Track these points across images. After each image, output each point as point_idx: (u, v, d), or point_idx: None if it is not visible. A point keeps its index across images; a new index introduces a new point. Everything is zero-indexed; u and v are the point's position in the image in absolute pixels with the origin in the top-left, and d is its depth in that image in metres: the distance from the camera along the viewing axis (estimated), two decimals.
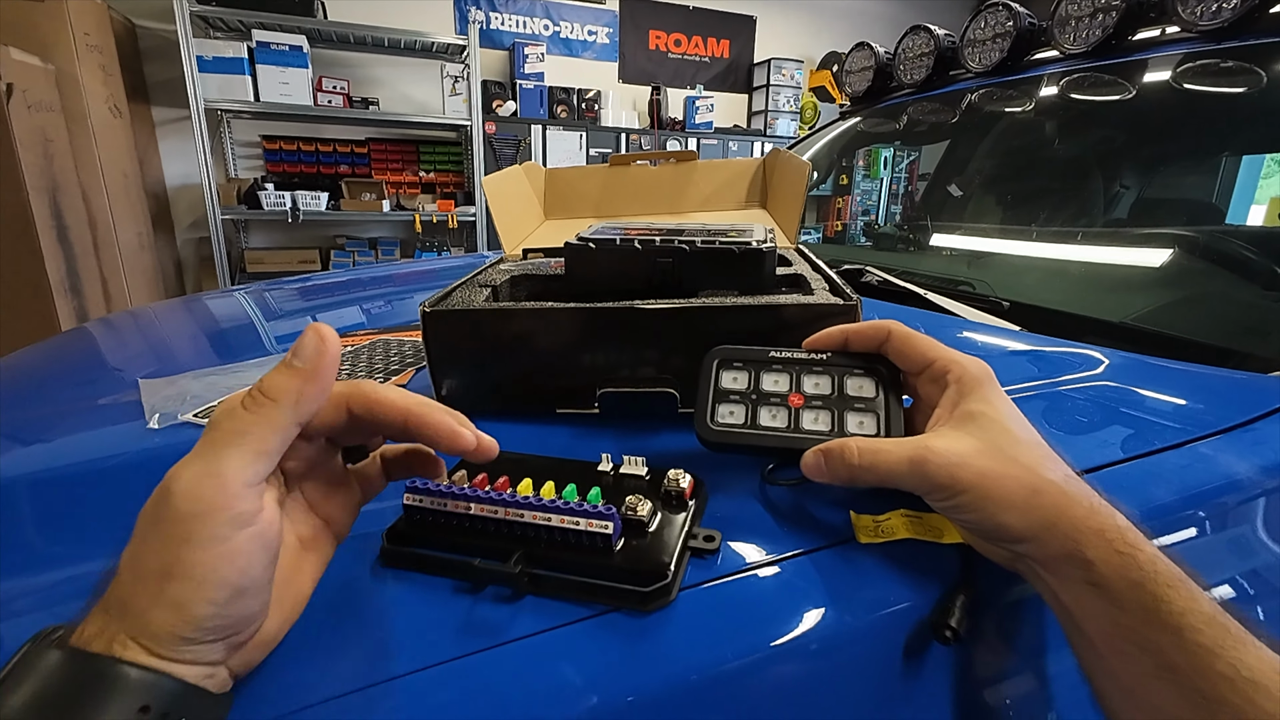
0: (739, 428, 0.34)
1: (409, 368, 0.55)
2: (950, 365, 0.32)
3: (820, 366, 0.36)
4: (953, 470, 0.28)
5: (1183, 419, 0.46)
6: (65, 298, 1.99)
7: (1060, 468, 0.28)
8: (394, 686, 0.23)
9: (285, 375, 0.22)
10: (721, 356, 0.37)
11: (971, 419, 0.30)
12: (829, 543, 0.31)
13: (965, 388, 0.31)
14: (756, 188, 0.77)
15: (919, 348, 0.33)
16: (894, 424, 0.33)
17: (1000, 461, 0.28)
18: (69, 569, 0.31)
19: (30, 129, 1.89)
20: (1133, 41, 0.90)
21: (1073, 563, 0.25)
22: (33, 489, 0.39)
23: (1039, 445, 0.29)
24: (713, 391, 0.36)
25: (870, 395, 0.34)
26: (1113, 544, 0.25)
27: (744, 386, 0.35)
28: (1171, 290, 0.73)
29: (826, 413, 0.34)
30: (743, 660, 0.26)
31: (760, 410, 0.34)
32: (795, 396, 0.35)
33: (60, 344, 0.81)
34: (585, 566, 0.27)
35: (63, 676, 0.19)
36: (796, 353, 0.36)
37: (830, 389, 0.35)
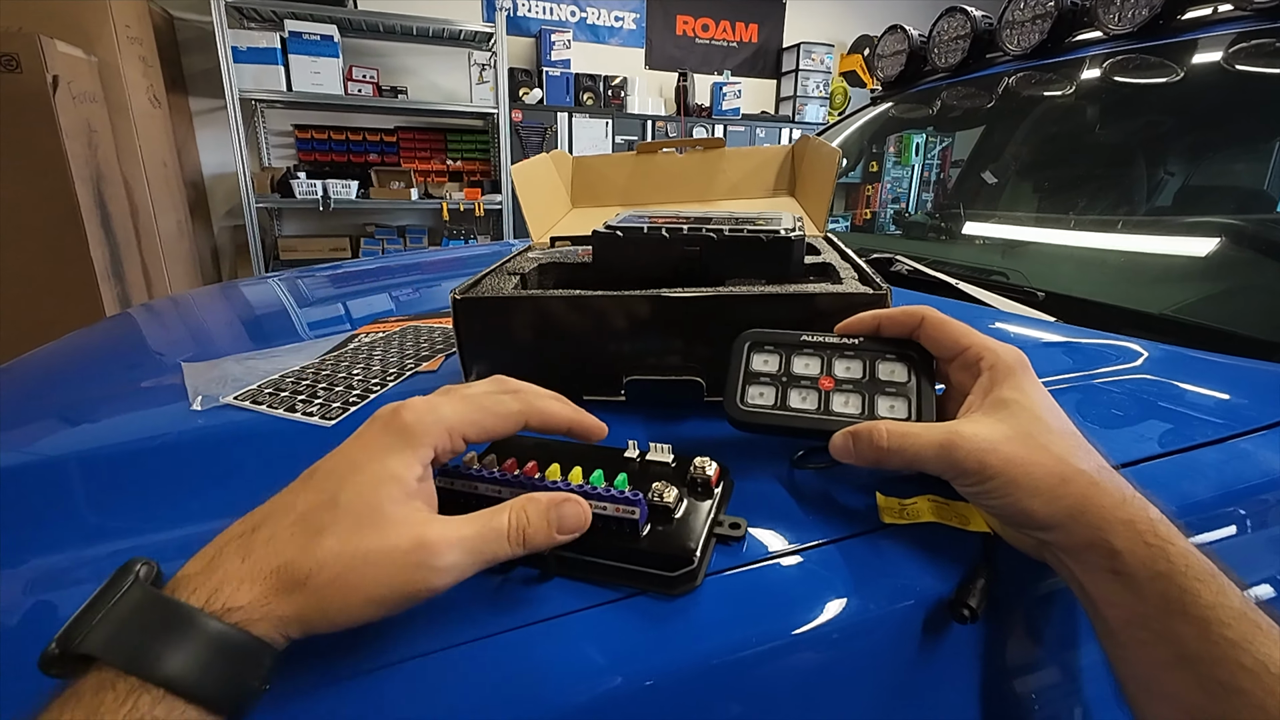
0: (769, 409, 0.34)
1: (439, 353, 0.56)
2: (984, 352, 0.32)
3: (851, 351, 0.36)
4: (981, 455, 0.27)
5: (1224, 414, 0.45)
6: (109, 283, 2.06)
7: (1093, 458, 0.28)
8: (424, 663, 0.24)
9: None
10: (753, 339, 0.37)
11: (1003, 406, 0.29)
12: (854, 531, 0.31)
13: (998, 375, 0.31)
14: (785, 175, 0.76)
15: (952, 334, 0.33)
16: (925, 408, 0.33)
17: (1030, 449, 0.27)
18: (121, 542, 0.33)
19: (75, 120, 1.95)
20: (1181, 21, 0.86)
21: (1097, 551, 0.25)
22: (84, 467, 0.41)
23: (1071, 435, 0.29)
24: (743, 373, 0.36)
25: (902, 380, 0.34)
26: (1142, 535, 0.25)
27: (775, 369, 0.36)
28: (1216, 281, 0.70)
29: (857, 396, 0.34)
30: (767, 646, 0.26)
31: (790, 392, 0.34)
32: (826, 379, 0.35)
33: (106, 329, 0.84)
34: (612, 550, 0.28)
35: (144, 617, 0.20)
36: (828, 337, 0.37)
37: (861, 373, 0.35)
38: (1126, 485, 0.27)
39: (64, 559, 0.32)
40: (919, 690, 0.28)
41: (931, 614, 0.28)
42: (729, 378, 0.36)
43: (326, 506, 0.23)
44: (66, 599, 0.29)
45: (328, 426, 0.42)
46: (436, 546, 0.23)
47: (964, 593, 0.27)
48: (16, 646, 0.27)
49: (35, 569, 0.31)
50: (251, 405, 0.46)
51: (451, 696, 0.23)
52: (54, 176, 1.87)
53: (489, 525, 0.24)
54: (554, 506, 0.26)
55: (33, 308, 1.92)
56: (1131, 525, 0.25)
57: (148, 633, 0.19)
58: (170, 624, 0.19)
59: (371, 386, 0.49)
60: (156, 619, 0.20)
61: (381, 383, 0.49)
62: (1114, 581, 0.25)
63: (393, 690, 0.23)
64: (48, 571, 0.31)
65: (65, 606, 0.29)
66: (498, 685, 0.24)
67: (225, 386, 0.49)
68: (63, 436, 0.47)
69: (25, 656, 0.26)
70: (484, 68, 3.15)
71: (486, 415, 0.28)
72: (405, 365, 0.53)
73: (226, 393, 0.48)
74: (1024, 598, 0.30)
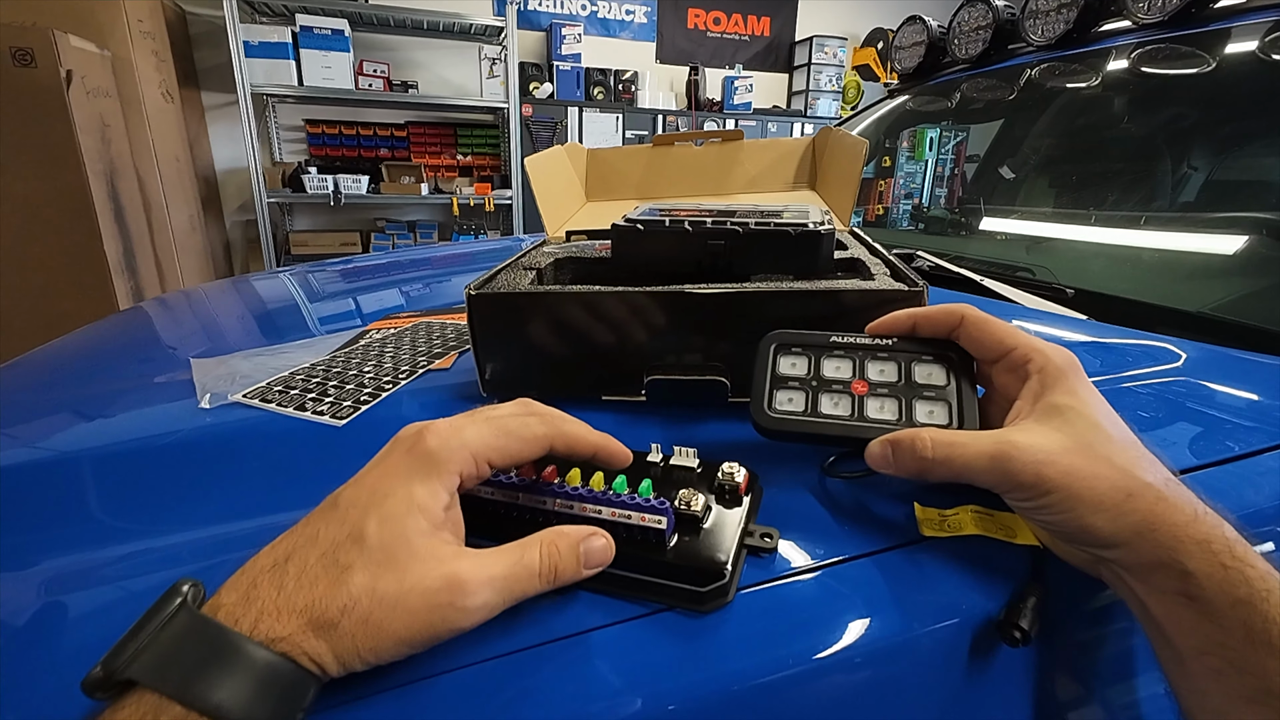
0: (799, 415, 0.32)
1: (452, 350, 0.55)
2: (1031, 354, 0.30)
3: (885, 353, 0.34)
4: (1039, 468, 0.25)
5: (1271, 419, 0.43)
6: (122, 277, 2.07)
7: (1159, 470, 0.26)
8: (444, 680, 0.23)
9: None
10: (779, 340, 0.35)
11: (1058, 413, 0.27)
12: (893, 543, 0.29)
13: (1049, 378, 0.28)
14: (805, 168, 0.74)
15: (996, 334, 0.31)
16: (968, 414, 0.31)
17: (1091, 460, 0.25)
18: (126, 544, 0.32)
19: (89, 114, 1.95)
20: (1214, 9, 0.83)
21: (1168, 573, 0.23)
22: (92, 464, 0.40)
23: (1133, 445, 0.27)
24: (770, 377, 0.34)
25: (941, 383, 0.32)
26: (1218, 556, 0.23)
27: (803, 373, 0.34)
28: (1259, 277, 0.68)
29: (893, 400, 0.32)
30: (803, 667, 0.24)
31: (821, 397, 0.32)
32: (859, 384, 0.33)
33: (119, 323, 0.84)
34: (637, 562, 0.26)
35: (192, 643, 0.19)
36: (860, 338, 0.34)
37: (897, 376, 0.33)
38: (1197, 500, 0.25)
39: (69, 560, 0.31)
40: (966, 714, 0.26)
41: (978, 634, 0.26)
42: (754, 382, 0.34)
43: (354, 540, 0.22)
44: (72, 601, 0.28)
45: (338, 426, 0.41)
46: (468, 586, 0.22)
47: (1014, 613, 0.25)
48: (22, 647, 0.26)
49: (41, 569, 0.30)
50: (261, 403, 0.44)
51: (472, 715, 0.22)
52: (68, 171, 1.88)
53: (520, 563, 0.24)
54: (582, 541, 0.25)
55: (47, 301, 1.93)
56: (1206, 545, 0.23)
57: (196, 660, 0.19)
58: (219, 651, 0.19)
59: (383, 385, 0.47)
60: (205, 646, 0.19)
61: (393, 380, 0.48)
62: (1186, 606, 0.23)
63: (414, 709, 0.22)
64: (53, 571, 0.30)
65: (74, 607, 0.28)
66: (518, 705, 0.22)
67: (234, 384, 0.48)
68: (72, 433, 0.46)
69: (31, 657, 0.25)
70: (494, 62, 3.13)
71: (512, 440, 0.26)
72: (418, 363, 0.52)
73: (235, 390, 0.47)
74: (1078, 616, 0.28)
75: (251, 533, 0.32)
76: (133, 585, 0.29)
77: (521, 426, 0.27)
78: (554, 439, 0.27)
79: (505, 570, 0.23)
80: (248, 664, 0.19)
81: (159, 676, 0.18)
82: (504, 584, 0.23)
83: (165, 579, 0.29)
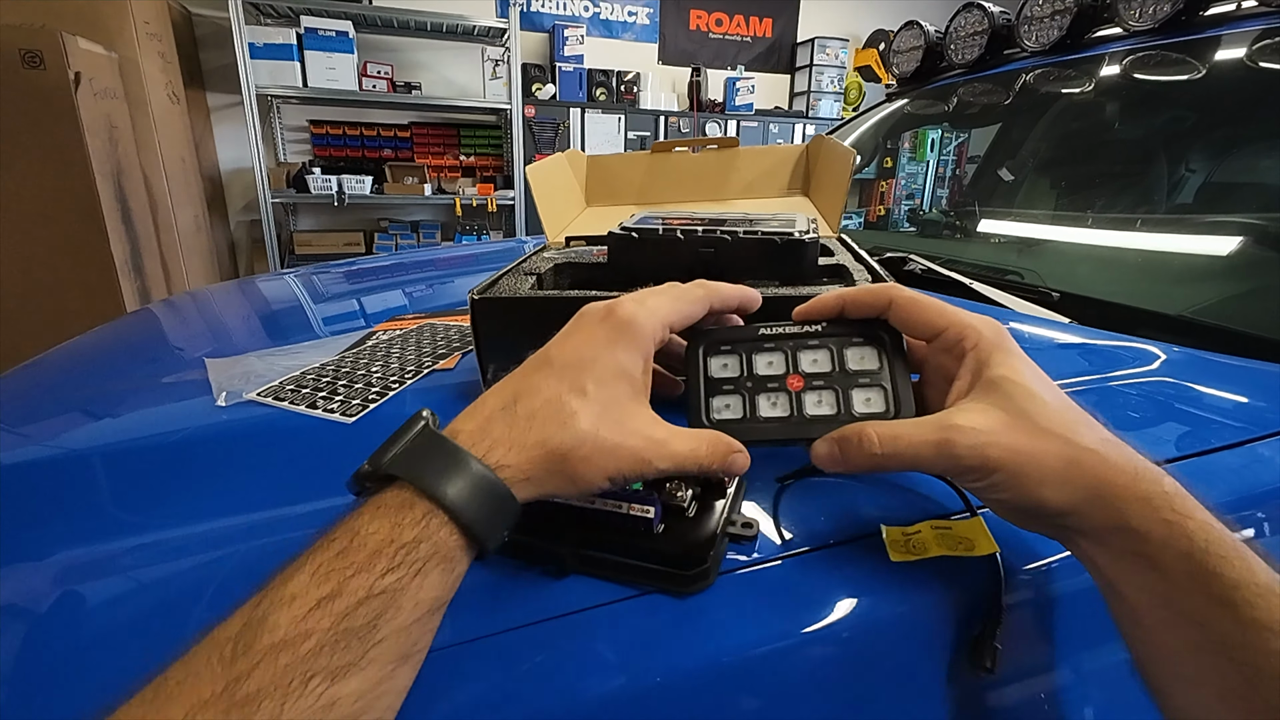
0: (738, 422, 0.31)
1: (455, 351, 0.57)
2: (964, 330, 0.29)
3: (816, 340, 0.32)
4: (983, 450, 0.26)
5: (1244, 418, 0.45)
6: (129, 278, 2.10)
7: (1095, 430, 0.27)
8: (439, 656, 0.25)
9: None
10: (707, 342, 0.33)
11: (995, 387, 0.28)
12: (868, 529, 0.31)
13: (983, 354, 0.29)
14: (799, 175, 0.76)
15: (926, 314, 0.30)
16: (903, 397, 0.30)
17: (1032, 433, 0.26)
18: (150, 534, 0.34)
19: (96, 116, 1.98)
20: (1204, 17, 0.85)
21: (1120, 534, 0.24)
22: (116, 460, 0.42)
23: (1070, 409, 0.27)
24: (704, 383, 0.32)
25: (874, 367, 0.31)
26: (1159, 512, 0.24)
27: (737, 373, 0.32)
28: (1237, 282, 0.70)
29: (830, 392, 0.31)
30: (778, 644, 0.26)
31: (759, 399, 0.31)
32: (794, 378, 0.32)
33: (129, 324, 0.86)
34: (627, 548, 0.28)
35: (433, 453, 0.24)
36: (789, 326, 0.33)
37: (830, 364, 0.31)
38: (1136, 456, 0.26)
39: (92, 550, 0.33)
40: (934, 691, 0.28)
41: (944, 613, 0.28)
42: (689, 390, 0.32)
43: (576, 393, 0.26)
44: (93, 591, 0.30)
45: (348, 424, 0.43)
46: (663, 450, 0.27)
47: (980, 647, 0.27)
48: (46, 635, 0.28)
49: (62, 560, 0.32)
50: (274, 401, 0.47)
51: (466, 691, 0.24)
52: (75, 172, 1.90)
53: (694, 450, 0.28)
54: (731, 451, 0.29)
55: (54, 302, 1.95)
56: (1148, 502, 0.24)
57: (438, 466, 0.23)
58: (456, 462, 0.23)
59: (390, 384, 0.49)
60: (445, 456, 0.23)
61: (400, 380, 0.50)
62: (1137, 563, 0.24)
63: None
64: (75, 563, 0.32)
65: (92, 598, 0.30)
66: (512, 680, 0.24)
67: (248, 382, 0.50)
68: (92, 430, 0.48)
69: (55, 646, 0.27)
70: (497, 63, 3.15)
71: (684, 303, 0.30)
72: (423, 363, 0.54)
73: (250, 389, 0.49)
74: (1037, 600, 0.30)
75: (270, 522, 0.34)
76: (162, 569, 0.31)
77: (687, 293, 0.31)
78: (710, 298, 0.31)
79: (686, 450, 0.27)
80: (474, 475, 0.23)
81: (413, 473, 0.23)
82: (681, 459, 0.27)
83: (194, 564, 0.31)
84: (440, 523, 0.22)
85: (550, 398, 0.26)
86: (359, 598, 0.20)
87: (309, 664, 0.19)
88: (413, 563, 0.21)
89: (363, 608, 0.20)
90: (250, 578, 0.21)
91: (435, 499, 0.22)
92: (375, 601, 0.20)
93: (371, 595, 0.20)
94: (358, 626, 0.20)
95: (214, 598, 0.29)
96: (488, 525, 0.23)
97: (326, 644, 0.19)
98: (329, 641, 0.19)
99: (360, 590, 0.20)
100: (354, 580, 0.20)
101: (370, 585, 0.20)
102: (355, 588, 0.20)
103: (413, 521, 0.22)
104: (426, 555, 0.22)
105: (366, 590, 0.20)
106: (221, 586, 0.29)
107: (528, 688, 0.24)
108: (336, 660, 0.19)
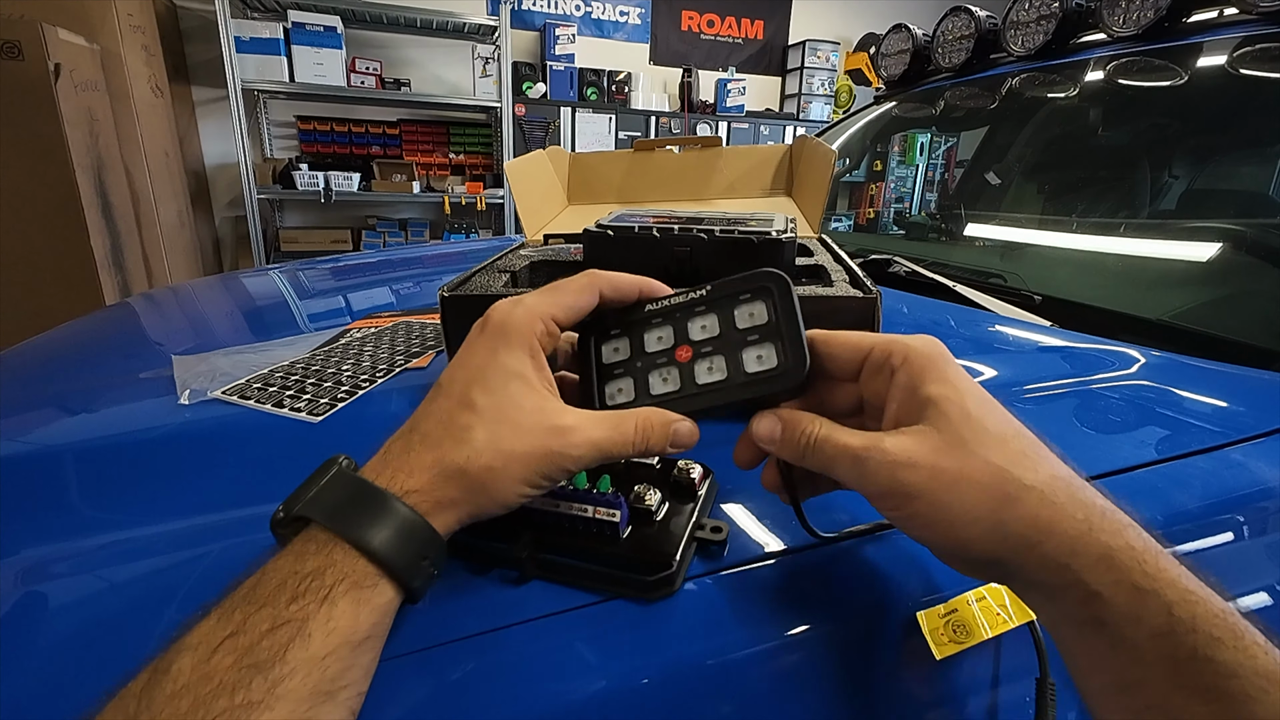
0: (631, 405, 0.28)
1: (430, 350, 0.56)
2: (891, 346, 0.26)
3: (703, 305, 0.30)
4: (895, 471, 0.22)
5: (1219, 422, 0.45)
6: (109, 272, 2.06)
7: (1047, 466, 0.22)
8: (397, 664, 0.24)
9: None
10: (597, 330, 0.31)
11: (929, 405, 0.24)
12: (837, 537, 0.31)
13: (915, 369, 0.25)
14: (782, 175, 0.76)
15: (847, 340, 0.27)
16: (792, 348, 0.27)
17: (961, 459, 0.22)
18: (100, 536, 0.33)
19: (77, 108, 1.94)
20: (1186, 24, 0.86)
21: (1069, 595, 0.20)
22: (69, 459, 0.41)
23: (1018, 436, 0.23)
24: (596, 371, 0.30)
25: (764, 320, 0.28)
26: (1127, 574, 0.19)
27: (627, 355, 0.30)
28: (1215, 287, 0.70)
29: (719, 357, 0.28)
30: (742, 652, 0.26)
31: (650, 377, 0.29)
32: (682, 349, 0.29)
33: (104, 318, 0.84)
34: (591, 553, 0.28)
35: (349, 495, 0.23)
36: (676, 296, 0.31)
37: (719, 326, 0.29)
38: (1095, 498, 0.21)
39: (46, 550, 0.32)
40: (900, 698, 0.28)
41: (911, 622, 0.28)
42: (583, 380, 0.30)
43: (466, 408, 0.25)
44: (51, 591, 0.29)
45: (314, 423, 0.42)
46: (573, 435, 0.25)
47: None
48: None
49: (20, 559, 0.31)
50: (239, 400, 0.46)
51: (423, 698, 0.23)
52: (55, 165, 1.87)
53: (618, 430, 0.26)
54: (674, 423, 0.27)
55: (33, 296, 1.92)
56: (1108, 560, 0.20)
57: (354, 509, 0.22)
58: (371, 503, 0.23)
59: (360, 383, 0.48)
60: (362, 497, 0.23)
61: (371, 379, 0.49)
62: (1098, 636, 0.20)
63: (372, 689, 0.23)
64: (31, 561, 0.31)
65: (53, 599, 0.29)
66: (469, 688, 0.24)
67: (214, 381, 0.49)
68: (51, 428, 0.47)
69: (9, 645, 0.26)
70: (487, 61, 3.13)
71: (564, 294, 0.28)
72: (395, 361, 0.53)
73: (215, 387, 0.48)
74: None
75: (227, 525, 0.33)
76: (110, 575, 0.30)
77: (570, 284, 0.29)
78: (598, 286, 0.29)
79: (604, 434, 0.25)
80: (393, 514, 0.22)
81: (317, 509, 0.23)
82: (603, 443, 0.25)
83: (142, 570, 0.30)
84: (344, 551, 0.21)
85: (442, 418, 0.25)
86: (262, 631, 0.19)
87: (210, 706, 0.18)
88: (318, 590, 0.20)
89: (265, 640, 0.19)
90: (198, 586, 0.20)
91: (337, 529, 0.22)
92: (281, 633, 0.19)
93: (276, 627, 0.19)
94: (262, 660, 0.19)
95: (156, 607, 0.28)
96: (396, 550, 0.22)
97: (228, 683, 0.18)
98: (231, 681, 0.18)
99: (264, 623, 0.19)
100: (257, 615, 0.20)
101: (275, 616, 0.19)
102: (258, 622, 0.19)
103: (315, 551, 0.21)
104: (332, 581, 0.21)
105: (270, 622, 0.19)
106: (167, 594, 0.28)
107: (482, 697, 0.23)
108: (239, 699, 0.18)
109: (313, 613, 0.20)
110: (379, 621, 0.22)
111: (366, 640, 0.21)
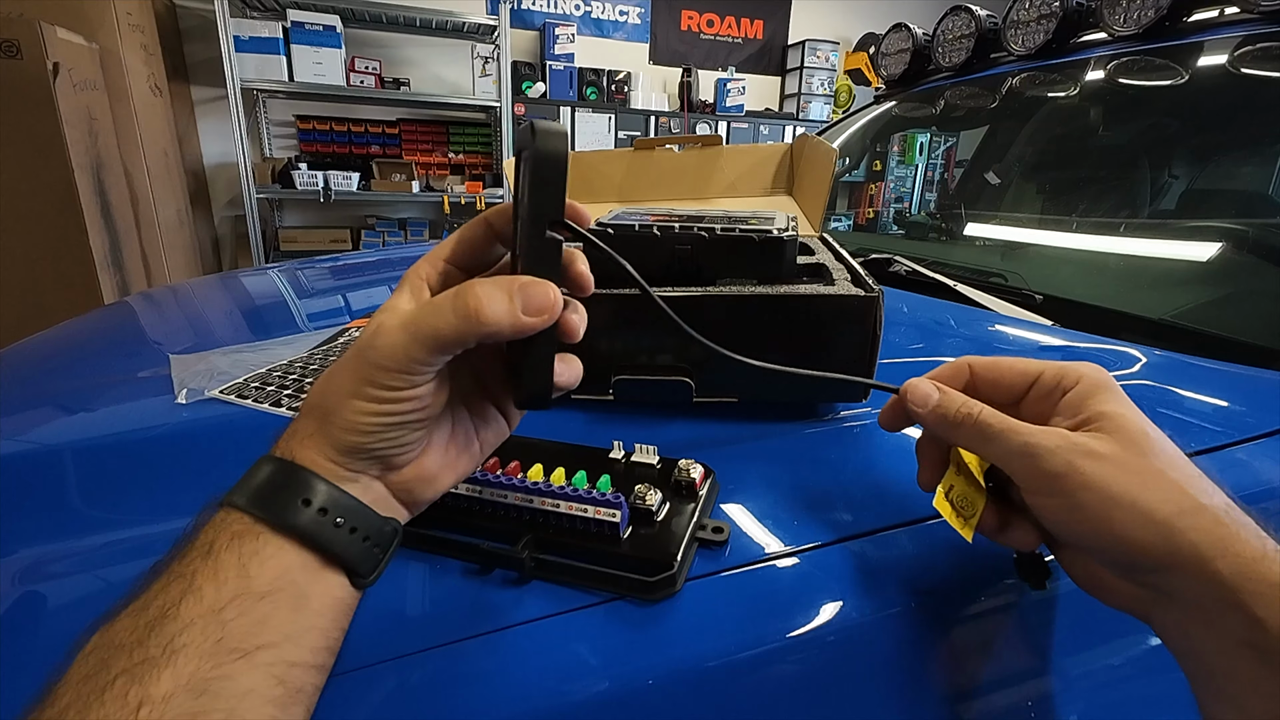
0: None
1: None
2: (1064, 370, 0.26)
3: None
4: (1073, 456, 0.22)
5: (1221, 421, 0.44)
6: (108, 272, 2.06)
7: (1219, 495, 0.22)
8: (397, 665, 0.24)
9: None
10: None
11: (1102, 418, 0.24)
12: (839, 537, 0.30)
13: (1087, 388, 0.25)
14: (783, 174, 0.75)
15: (1014, 366, 0.27)
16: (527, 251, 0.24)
17: (1141, 463, 0.22)
18: (94, 536, 0.33)
19: (75, 107, 1.94)
20: (1187, 23, 0.86)
21: (1231, 616, 0.20)
22: (65, 458, 0.41)
23: (1188, 464, 0.23)
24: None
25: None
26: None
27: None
28: (1216, 287, 0.70)
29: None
30: (746, 653, 0.25)
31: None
32: None
33: (102, 317, 0.84)
34: (592, 554, 0.27)
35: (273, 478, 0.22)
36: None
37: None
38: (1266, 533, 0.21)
39: (41, 550, 0.32)
40: (909, 697, 0.27)
41: (916, 622, 0.27)
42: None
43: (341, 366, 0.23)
44: (50, 592, 0.29)
45: None
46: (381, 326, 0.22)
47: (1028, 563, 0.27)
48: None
49: (16, 558, 0.31)
50: (236, 399, 0.45)
51: (423, 699, 0.23)
52: (53, 164, 1.87)
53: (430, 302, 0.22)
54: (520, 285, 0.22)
55: (31, 295, 1.91)
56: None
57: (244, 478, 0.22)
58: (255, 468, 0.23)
59: None
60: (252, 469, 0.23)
61: None
62: (1255, 662, 0.20)
63: (365, 693, 0.23)
64: (28, 560, 0.31)
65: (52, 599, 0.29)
66: (470, 689, 0.23)
67: (211, 380, 0.49)
68: (48, 427, 0.47)
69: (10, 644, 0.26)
70: (487, 60, 3.13)
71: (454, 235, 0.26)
72: None
73: (212, 386, 0.47)
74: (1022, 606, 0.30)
75: None
76: (107, 575, 0.30)
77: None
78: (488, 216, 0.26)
79: (413, 314, 0.22)
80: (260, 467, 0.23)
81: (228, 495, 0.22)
82: (412, 320, 0.22)
83: (136, 569, 0.30)
84: (226, 511, 0.22)
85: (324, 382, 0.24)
86: (155, 590, 0.20)
87: (110, 668, 0.18)
88: (202, 546, 0.21)
89: (159, 599, 0.20)
90: None
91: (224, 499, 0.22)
92: (172, 589, 0.20)
93: (168, 584, 0.20)
94: (154, 619, 0.19)
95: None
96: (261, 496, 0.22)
97: (127, 644, 0.19)
98: (130, 641, 0.19)
99: (155, 588, 0.20)
100: (157, 582, 0.20)
101: (168, 575, 0.20)
102: (153, 589, 0.20)
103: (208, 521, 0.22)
104: (213, 536, 0.21)
105: (163, 581, 0.20)
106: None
107: (482, 698, 0.23)
108: (137, 657, 0.18)
109: (200, 567, 0.20)
110: (281, 575, 0.21)
111: (272, 593, 0.20)
